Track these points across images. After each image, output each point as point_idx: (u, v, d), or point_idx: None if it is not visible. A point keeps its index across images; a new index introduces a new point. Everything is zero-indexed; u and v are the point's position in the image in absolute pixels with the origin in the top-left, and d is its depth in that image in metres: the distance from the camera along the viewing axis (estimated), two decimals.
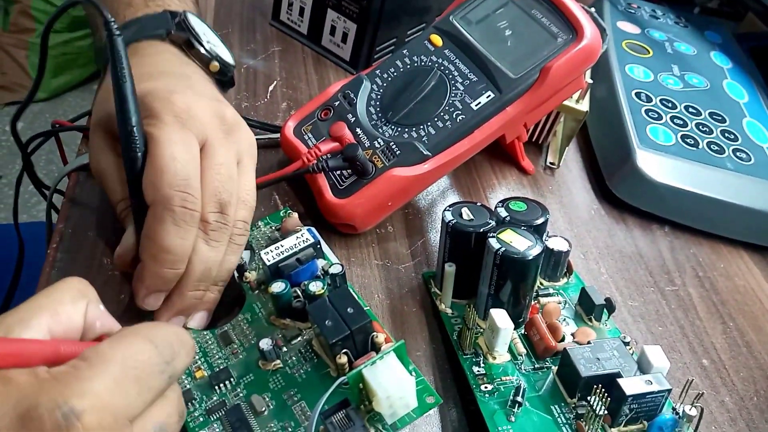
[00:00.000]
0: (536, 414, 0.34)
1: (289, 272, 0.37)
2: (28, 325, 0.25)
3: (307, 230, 0.39)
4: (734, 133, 0.56)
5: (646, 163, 0.51)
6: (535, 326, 0.37)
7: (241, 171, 0.38)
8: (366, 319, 0.33)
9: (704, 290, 0.48)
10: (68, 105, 1.81)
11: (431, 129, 0.44)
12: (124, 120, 0.35)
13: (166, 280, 0.35)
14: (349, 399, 0.32)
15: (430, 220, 0.49)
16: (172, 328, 0.27)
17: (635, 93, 0.58)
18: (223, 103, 0.39)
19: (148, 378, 0.24)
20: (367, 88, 0.47)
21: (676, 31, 0.69)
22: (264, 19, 0.65)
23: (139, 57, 0.41)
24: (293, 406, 0.33)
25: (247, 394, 0.34)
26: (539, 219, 0.39)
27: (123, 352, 0.24)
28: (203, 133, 0.36)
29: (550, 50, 0.44)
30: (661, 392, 0.33)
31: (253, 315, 0.38)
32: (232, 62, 0.45)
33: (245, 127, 0.40)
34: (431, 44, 0.47)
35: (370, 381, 0.31)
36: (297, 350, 0.36)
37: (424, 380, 0.33)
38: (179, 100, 0.36)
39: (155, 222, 0.34)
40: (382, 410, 0.31)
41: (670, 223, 0.53)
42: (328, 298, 0.34)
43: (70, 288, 0.27)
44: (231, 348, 0.36)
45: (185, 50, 0.42)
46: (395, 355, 0.32)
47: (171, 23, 0.42)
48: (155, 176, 0.34)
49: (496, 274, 0.36)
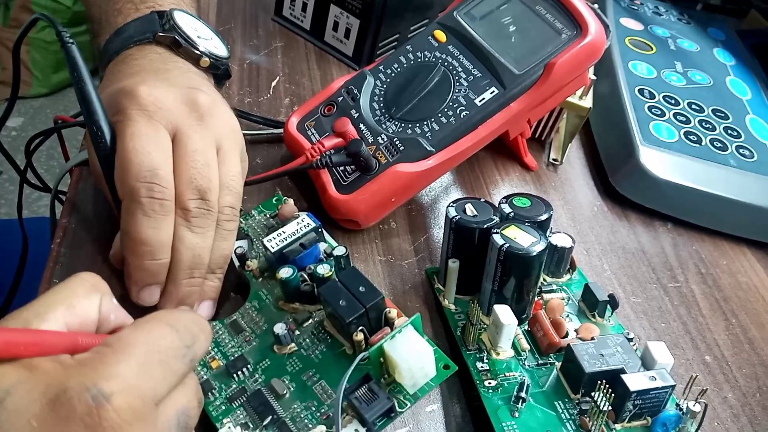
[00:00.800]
0: (540, 410, 0.34)
1: (294, 257, 0.38)
2: (45, 318, 0.25)
3: (306, 215, 0.39)
4: (737, 129, 0.56)
5: (649, 160, 0.51)
6: (538, 322, 0.38)
7: (222, 157, 0.37)
8: (379, 295, 0.34)
9: (707, 287, 0.48)
10: (69, 100, 1.80)
11: (435, 125, 0.44)
12: (89, 120, 0.35)
13: (151, 273, 0.35)
14: (370, 374, 0.32)
15: (433, 217, 0.49)
16: (190, 314, 0.28)
17: (638, 90, 0.58)
18: (197, 90, 0.38)
19: (171, 361, 0.25)
20: (371, 83, 0.47)
21: (679, 27, 0.69)
22: (266, 15, 0.65)
23: (126, 63, 0.41)
24: (313, 386, 0.34)
25: (266, 378, 0.34)
26: (543, 215, 0.39)
27: (146, 336, 0.25)
28: (173, 122, 0.36)
29: (554, 46, 0.44)
30: (665, 388, 0.33)
31: (261, 302, 0.38)
32: (224, 54, 0.45)
33: (223, 112, 0.39)
34: (435, 40, 0.47)
35: (392, 354, 0.32)
36: (309, 332, 0.36)
37: (439, 350, 0.34)
38: (145, 92, 0.36)
39: (127, 215, 0.34)
40: (404, 381, 0.32)
41: (673, 219, 0.53)
42: (339, 279, 0.35)
43: (84, 282, 0.27)
44: (243, 336, 0.37)
45: (174, 49, 0.42)
46: (413, 327, 0.33)
47: (157, 25, 0.42)
48: (121, 170, 0.34)
49: (500, 270, 0.36)
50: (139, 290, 0.36)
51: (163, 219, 0.34)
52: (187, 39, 0.42)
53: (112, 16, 0.44)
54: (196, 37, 0.43)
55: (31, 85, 1.75)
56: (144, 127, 0.35)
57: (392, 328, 0.34)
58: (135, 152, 0.34)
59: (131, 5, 0.44)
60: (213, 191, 0.36)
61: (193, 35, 0.43)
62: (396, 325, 0.34)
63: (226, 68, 0.45)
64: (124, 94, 0.36)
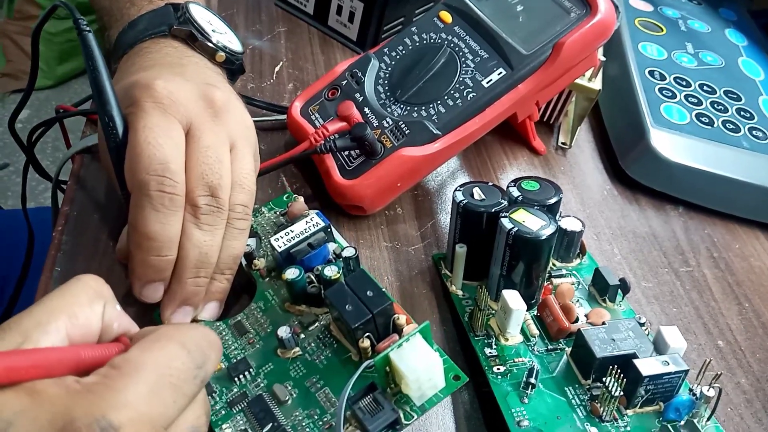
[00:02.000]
0: (550, 395, 0.33)
1: (301, 258, 0.37)
2: (46, 329, 0.24)
3: (316, 214, 0.38)
4: (750, 111, 0.55)
5: (660, 143, 0.50)
6: (548, 307, 0.37)
7: (235, 154, 0.37)
8: (387, 301, 0.32)
9: (719, 271, 0.48)
10: (74, 92, 1.80)
11: (441, 107, 0.43)
12: (102, 110, 0.34)
13: (156, 269, 0.34)
14: (375, 383, 0.31)
15: (440, 202, 0.48)
16: (201, 330, 0.26)
17: (648, 71, 0.57)
18: (212, 86, 0.37)
19: (183, 385, 0.24)
20: (375, 66, 0.46)
21: (690, 8, 0.68)
22: (269, 0, 0.64)
23: (140, 56, 0.40)
24: (317, 393, 0.33)
25: (268, 383, 0.33)
26: (552, 198, 0.38)
27: (156, 358, 0.23)
28: (187, 117, 0.35)
29: (563, 26, 0.43)
30: (678, 373, 0.32)
31: (267, 303, 0.37)
32: (239, 49, 0.44)
33: (238, 109, 0.38)
34: (441, 21, 0.46)
35: (398, 364, 0.30)
36: (315, 336, 0.35)
37: (449, 359, 0.33)
38: (160, 86, 0.35)
39: (135, 208, 0.34)
40: (410, 392, 0.31)
41: (684, 203, 0.52)
42: (346, 282, 0.33)
43: (86, 288, 0.26)
44: (247, 338, 0.35)
45: (189, 43, 0.42)
46: (421, 336, 0.32)
47: (173, 18, 0.41)
48: (131, 162, 0.34)
49: (509, 255, 0.36)
50: (143, 286, 0.35)
51: (172, 214, 0.33)
52: (202, 32, 0.41)
53: (125, 7, 0.43)
54: (211, 30, 0.42)
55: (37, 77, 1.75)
56: (158, 120, 0.34)
57: (401, 336, 0.33)
58: (147, 144, 0.33)
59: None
60: (224, 188, 0.35)
61: (208, 29, 0.42)
62: (405, 333, 0.33)
63: (241, 63, 0.45)
64: (139, 87, 0.35)
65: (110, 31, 0.44)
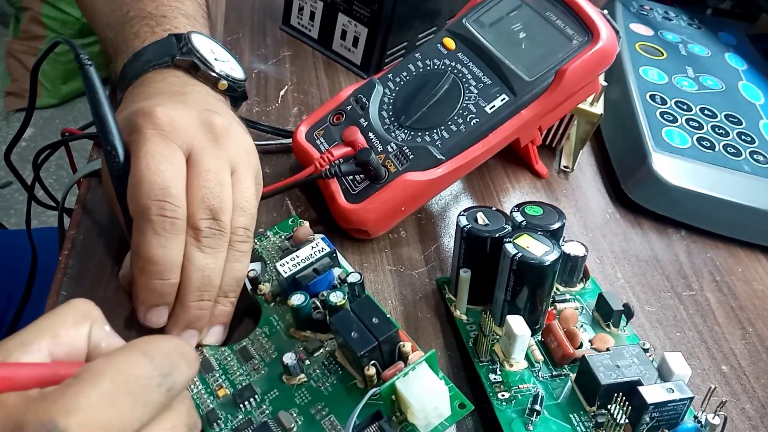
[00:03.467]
0: (554, 422, 0.33)
1: (307, 283, 0.37)
2: (28, 349, 0.24)
3: (321, 239, 0.39)
4: (751, 135, 0.56)
5: (661, 166, 0.51)
6: (552, 333, 0.37)
7: (236, 178, 0.37)
8: (392, 328, 0.32)
9: (722, 295, 0.48)
10: (78, 111, 1.81)
11: (445, 133, 0.44)
12: (105, 140, 0.35)
13: (159, 293, 0.34)
14: (381, 411, 0.31)
15: (444, 225, 0.48)
16: (172, 341, 0.26)
17: (650, 95, 0.57)
18: (213, 112, 0.38)
19: (142, 392, 0.23)
20: (380, 92, 0.47)
21: (690, 32, 0.69)
22: (274, 24, 0.65)
23: (144, 86, 0.41)
24: (322, 420, 0.33)
25: (273, 410, 0.33)
26: (556, 223, 0.39)
27: (115, 366, 0.23)
28: (188, 143, 0.36)
29: (565, 52, 0.44)
30: (683, 400, 0.32)
31: (272, 328, 0.37)
32: (242, 77, 0.45)
33: (239, 134, 0.39)
34: (444, 47, 0.47)
35: (404, 393, 0.30)
36: (320, 362, 0.35)
37: (454, 387, 0.33)
38: (161, 113, 0.36)
39: (137, 233, 0.34)
40: (416, 422, 0.31)
41: (687, 226, 0.52)
42: (352, 308, 0.33)
43: (74, 310, 0.26)
44: (252, 363, 0.36)
45: (192, 72, 0.42)
46: (427, 365, 0.32)
47: (175, 48, 0.42)
48: (133, 188, 0.34)
49: (513, 280, 0.36)
50: (147, 311, 0.35)
51: (174, 238, 0.34)
52: (205, 62, 0.42)
53: (129, 39, 0.44)
54: (214, 59, 0.43)
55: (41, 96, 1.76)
56: (159, 147, 0.35)
57: (406, 363, 0.33)
58: (148, 170, 0.34)
59: (147, 28, 0.44)
60: (225, 212, 0.35)
61: (211, 58, 0.43)
62: (410, 361, 0.33)
63: (243, 90, 0.45)
64: (141, 115, 0.36)
65: (116, 63, 0.45)
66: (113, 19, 0.46)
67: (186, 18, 0.46)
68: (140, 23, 0.44)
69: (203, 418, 0.33)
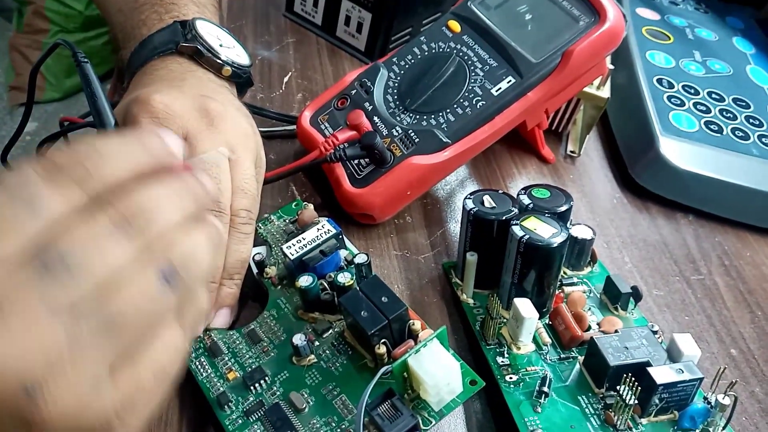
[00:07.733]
0: (563, 405, 0.33)
1: (314, 265, 0.37)
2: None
3: (327, 221, 0.38)
4: (759, 118, 0.55)
5: (669, 150, 0.50)
6: (560, 316, 0.37)
7: (235, 161, 0.37)
8: (402, 306, 0.32)
9: (731, 279, 0.47)
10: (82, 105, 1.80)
11: (450, 116, 0.43)
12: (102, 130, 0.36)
13: None
14: (393, 389, 0.31)
15: (449, 210, 0.48)
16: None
17: (657, 79, 0.56)
18: (208, 97, 0.38)
19: None
20: (384, 75, 0.47)
21: (697, 17, 0.68)
22: (278, 11, 0.65)
23: (147, 73, 0.41)
24: (334, 400, 0.33)
25: (284, 392, 0.33)
26: (563, 206, 0.38)
27: None
28: (183, 128, 0.36)
29: (571, 34, 0.43)
30: (693, 381, 0.32)
31: (279, 311, 0.37)
32: (246, 63, 0.45)
33: (236, 118, 0.39)
34: (449, 30, 0.47)
35: (417, 369, 0.30)
36: (329, 343, 0.35)
37: (465, 364, 0.33)
38: (156, 100, 0.36)
39: None
40: (429, 398, 0.31)
41: (695, 211, 0.52)
42: (360, 288, 0.33)
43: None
44: (261, 346, 0.35)
45: (196, 59, 0.42)
46: (438, 341, 0.32)
47: (180, 35, 0.42)
48: None
49: (520, 263, 0.36)
50: None
51: None
52: (209, 48, 0.42)
53: (137, 27, 0.44)
54: (218, 46, 0.43)
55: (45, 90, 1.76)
56: None
57: (416, 341, 0.33)
58: None
59: (156, 15, 0.44)
60: (223, 192, 0.36)
61: (215, 44, 0.43)
62: (420, 338, 0.33)
63: (249, 76, 0.45)
64: (137, 103, 0.36)
65: (123, 51, 0.45)
66: (124, 3, 0.46)
67: (196, 5, 0.46)
68: (150, 9, 0.44)
69: (213, 401, 0.33)
